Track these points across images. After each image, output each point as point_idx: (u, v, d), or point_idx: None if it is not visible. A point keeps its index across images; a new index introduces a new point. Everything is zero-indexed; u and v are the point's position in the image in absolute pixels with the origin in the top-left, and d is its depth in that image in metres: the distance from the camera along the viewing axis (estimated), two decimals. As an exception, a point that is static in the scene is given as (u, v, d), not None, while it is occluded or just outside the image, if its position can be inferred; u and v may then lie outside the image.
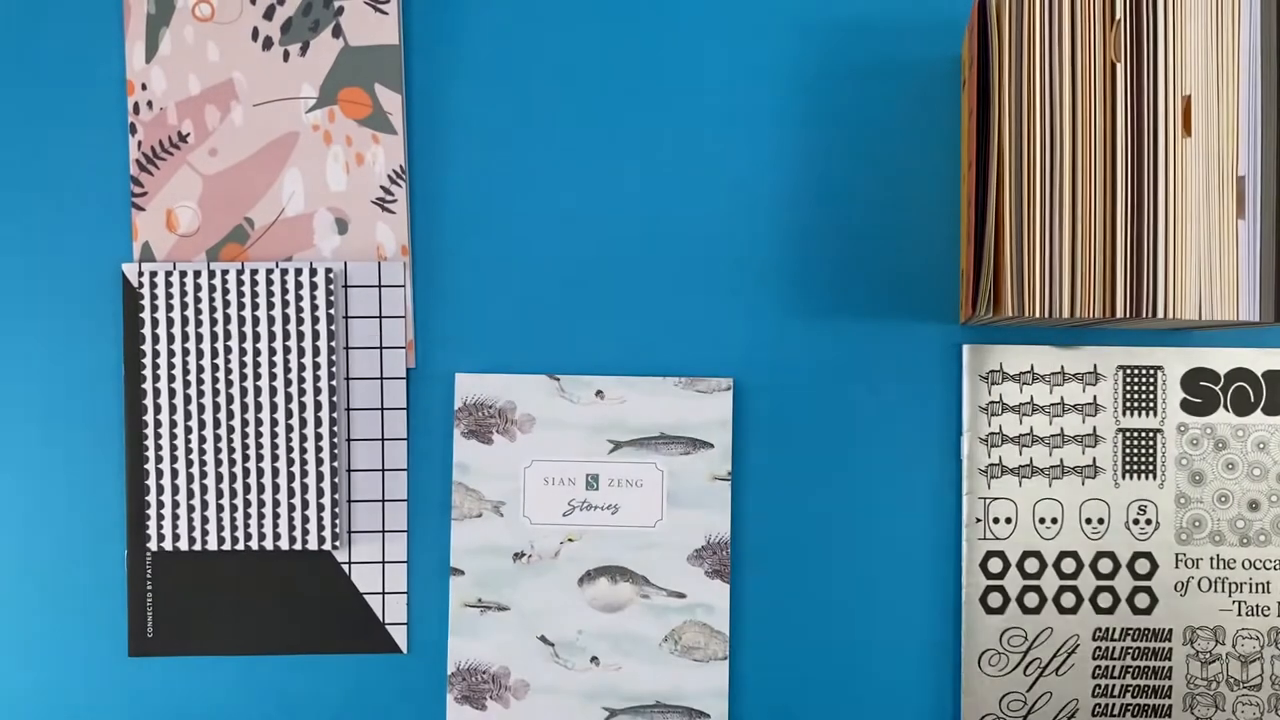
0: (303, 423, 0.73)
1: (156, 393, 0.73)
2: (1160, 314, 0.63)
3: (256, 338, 0.73)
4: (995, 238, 0.64)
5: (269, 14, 0.75)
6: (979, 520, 0.74)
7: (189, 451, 0.73)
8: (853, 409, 0.75)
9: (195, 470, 0.73)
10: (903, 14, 0.75)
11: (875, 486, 0.75)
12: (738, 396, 0.75)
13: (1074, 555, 0.74)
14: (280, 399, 0.73)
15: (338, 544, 0.73)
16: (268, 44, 0.75)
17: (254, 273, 0.73)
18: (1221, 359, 0.74)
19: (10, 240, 0.75)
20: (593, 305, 0.75)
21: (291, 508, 0.73)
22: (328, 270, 0.73)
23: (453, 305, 0.75)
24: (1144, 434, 0.74)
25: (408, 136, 0.75)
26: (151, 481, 0.73)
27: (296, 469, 0.73)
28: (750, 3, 0.75)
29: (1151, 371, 0.74)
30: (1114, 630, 0.74)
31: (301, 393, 0.73)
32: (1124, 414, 0.74)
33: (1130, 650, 0.74)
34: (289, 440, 0.73)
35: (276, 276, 0.73)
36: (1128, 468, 0.74)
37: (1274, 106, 0.63)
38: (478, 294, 0.75)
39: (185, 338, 0.73)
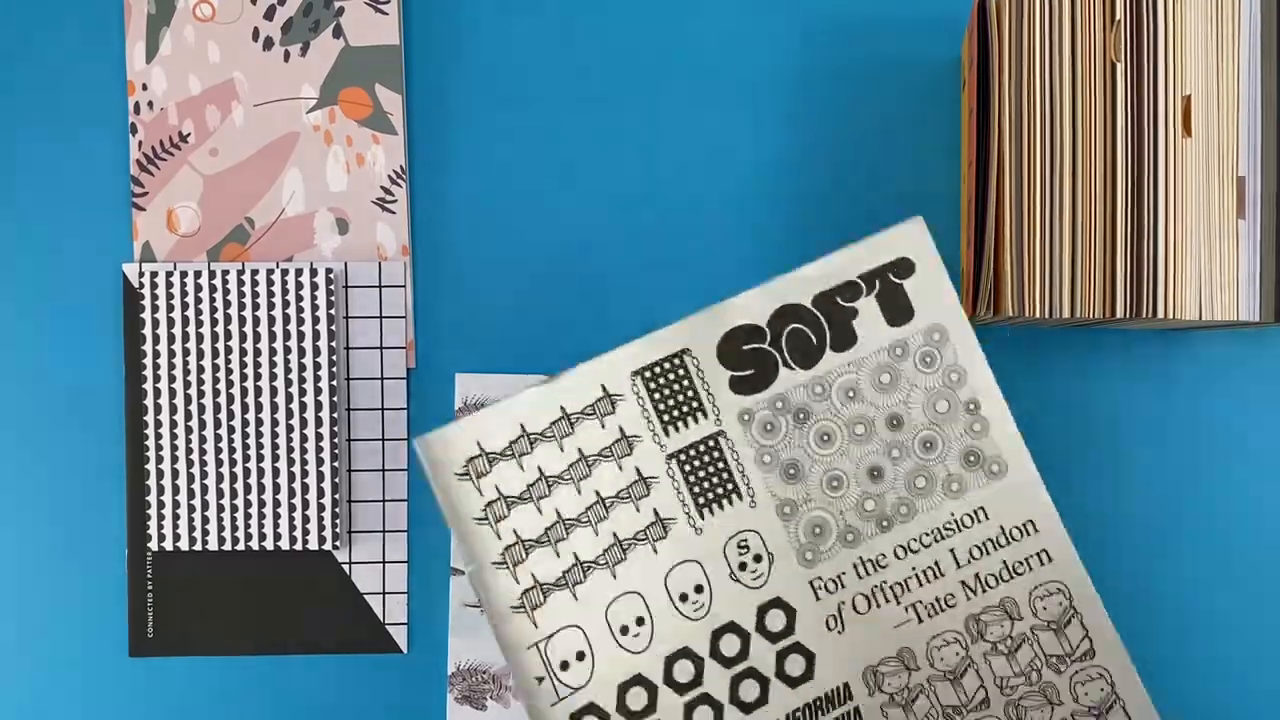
0: (303, 423, 0.73)
1: (157, 393, 0.73)
2: (1160, 314, 0.63)
3: (257, 338, 0.73)
4: (995, 238, 0.64)
5: (269, 14, 0.75)
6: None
7: (189, 451, 0.73)
8: (853, 409, 0.75)
9: (195, 470, 0.73)
10: (903, 14, 0.75)
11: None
12: (738, 396, 0.75)
13: (686, 653, 0.57)
14: (280, 399, 0.73)
15: (338, 544, 0.73)
16: (268, 44, 0.75)
17: (254, 273, 0.73)
18: (756, 308, 0.56)
19: (10, 240, 0.75)
20: (593, 305, 0.75)
21: (292, 508, 0.73)
22: (328, 270, 0.73)
23: (453, 305, 0.75)
24: (702, 447, 0.58)
25: (408, 137, 0.75)
26: (152, 481, 0.73)
27: (297, 469, 0.73)
28: (750, 3, 0.75)
29: (677, 362, 0.58)
30: None
31: (302, 393, 0.73)
32: (665, 433, 0.58)
33: None
34: (289, 440, 0.73)
35: (277, 277, 0.73)
36: (700, 501, 0.58)
37: (1274, 106, 0.63)
38: (478, 294, 0.75)
39: (185, 338, 0.73)
